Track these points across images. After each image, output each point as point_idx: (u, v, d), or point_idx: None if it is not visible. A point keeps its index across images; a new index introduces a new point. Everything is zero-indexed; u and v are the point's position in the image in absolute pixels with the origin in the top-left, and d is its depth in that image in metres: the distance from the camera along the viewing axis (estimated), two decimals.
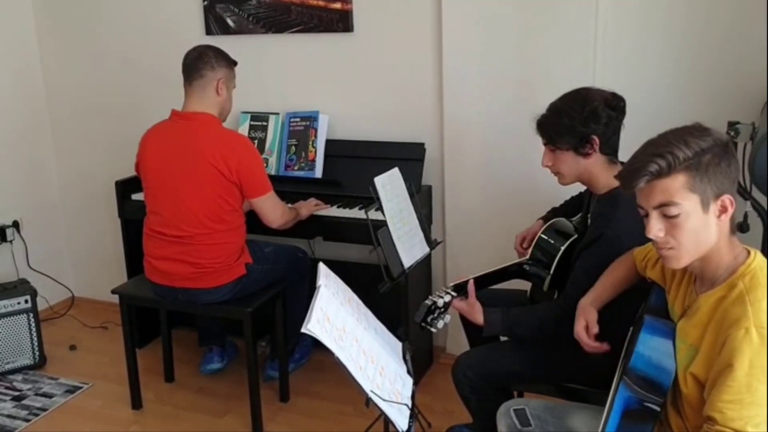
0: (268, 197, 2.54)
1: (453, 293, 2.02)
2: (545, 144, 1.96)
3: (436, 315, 1.96)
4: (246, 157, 2.47)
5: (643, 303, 1.68)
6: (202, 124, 2.48)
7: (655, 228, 1.38)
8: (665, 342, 1.48)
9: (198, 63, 2.49)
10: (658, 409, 1.42)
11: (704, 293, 1.43)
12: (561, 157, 1.93)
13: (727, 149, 1.37)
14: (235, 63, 2.61)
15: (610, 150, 1.92)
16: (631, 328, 1.62)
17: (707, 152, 1.34)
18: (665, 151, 1.35)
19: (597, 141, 1.88)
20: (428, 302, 1.96)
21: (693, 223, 1.36)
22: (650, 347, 1.48)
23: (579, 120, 1.87)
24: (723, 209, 1.37)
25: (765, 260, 1.41)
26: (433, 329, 1.97)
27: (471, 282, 2.06)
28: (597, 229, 1.89)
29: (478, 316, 1.97)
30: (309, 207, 2.77)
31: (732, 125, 2.11)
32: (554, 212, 2.33)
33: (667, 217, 1.37)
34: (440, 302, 1.96)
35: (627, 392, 1.43)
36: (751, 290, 1.35)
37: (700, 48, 2.49)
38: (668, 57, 2.54)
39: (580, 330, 1.72)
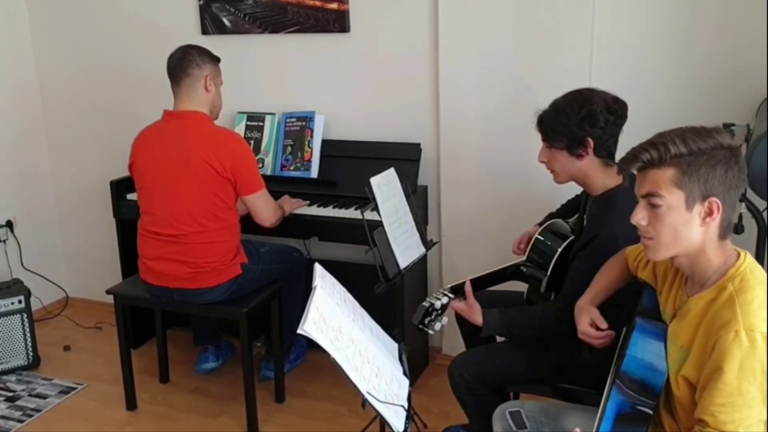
0: (262, 194, 2.55)
1: (450, 295, 2.02)
2: (542, 140, 1.98)
3: (433, 317, 1.95)
4: (239, 153, 2.48)
5: (635, 304, 1.68)
6: (194, 122, 2.48)
7: (639, 215, 1.42)
8: (657, 344, 1.49)
9: (183, 62, 2.50)
10: (650, 412, 1.42)
11: (694, 295, 1.44)
12: (556, 155, 1.95)
13: (732, 156, 1.36)
14: (218, 59, 2.61)
15: (605, 153, 1.91)
16: (623, 330, 1.63)
17: (704, 153, 1.35)
18: (661, 142, 1.37)
19: (591, 144, 1.88)
20: (426, 304, 1.95)
21: (674, 218, 1.38)
22: (642, 349, 1.48)
23: (575, 121, 1.87)
24: (709, 212, 1.37)
25: (755, 262, 1.42)
26: (430, 331, 1.96)
27: (468, 283, 2.06)
28: (592, 230, 1.90)
29: (476, 317, 1.97)
30: (291, 203, 2.78)
31: (727, 127, 2.12)
32: (551, 217, 2.33)
33: (652, 207, 1.40)
34: (438, 304, 1.96)
35: (619, 396, 1.44)
36: (740, 292, 1.35)
37: (695, 49, 2.50)
38: (664, 58, 2.55)
39: (585, 328, 1.72)
